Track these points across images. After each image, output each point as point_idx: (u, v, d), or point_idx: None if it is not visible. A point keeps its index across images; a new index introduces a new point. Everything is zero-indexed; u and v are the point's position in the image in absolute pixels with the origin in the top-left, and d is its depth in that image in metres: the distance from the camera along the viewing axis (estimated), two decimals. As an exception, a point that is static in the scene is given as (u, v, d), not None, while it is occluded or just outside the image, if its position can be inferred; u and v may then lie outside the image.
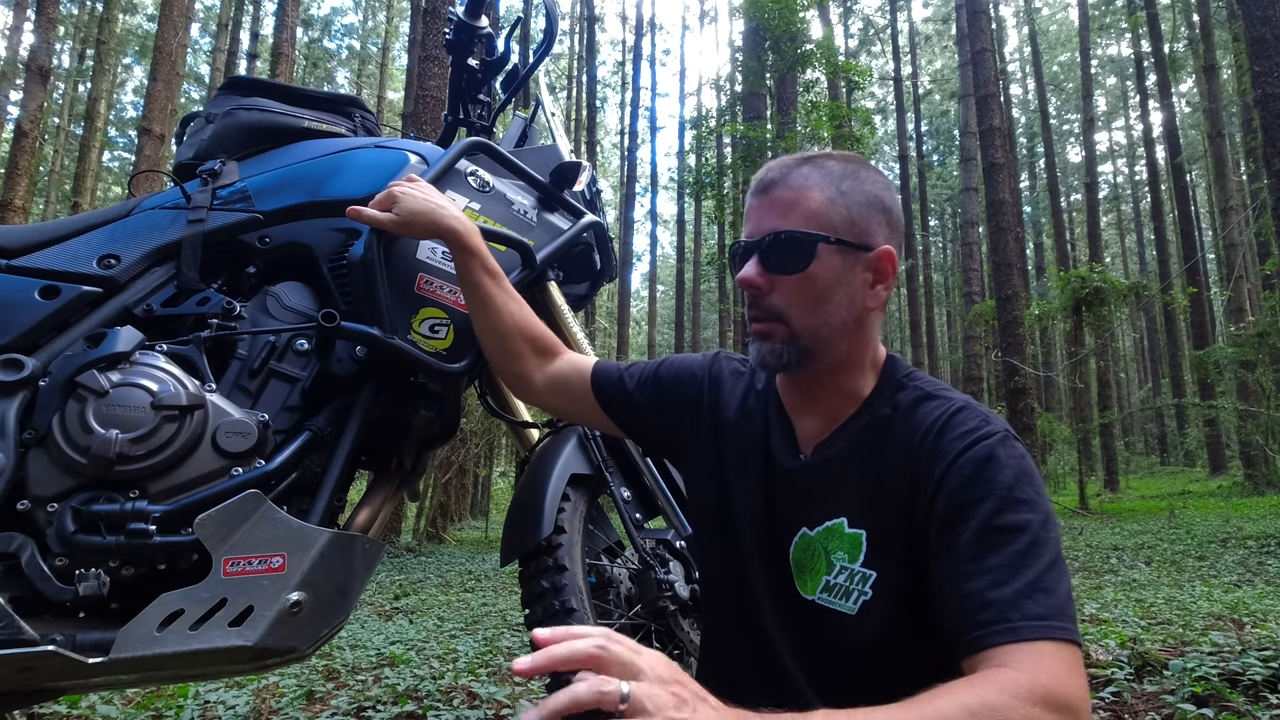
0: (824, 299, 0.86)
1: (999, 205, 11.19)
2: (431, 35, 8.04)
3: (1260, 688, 1.95)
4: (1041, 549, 0.72)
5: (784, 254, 0.86)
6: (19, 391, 1.04)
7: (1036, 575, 0.70)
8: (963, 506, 0.76)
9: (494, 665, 2.68)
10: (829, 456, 0.89)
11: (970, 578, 0.72)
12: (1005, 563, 0.71)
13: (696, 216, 25.34)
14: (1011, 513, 0.74)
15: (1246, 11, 7.44)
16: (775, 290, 0.87)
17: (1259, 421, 11.50)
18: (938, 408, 0.85)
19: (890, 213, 0.89)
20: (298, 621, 1.04)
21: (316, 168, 1.31)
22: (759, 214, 0.89)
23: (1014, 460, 0.78)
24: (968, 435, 0.80)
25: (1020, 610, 0.68)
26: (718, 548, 0.98)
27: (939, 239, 34.08)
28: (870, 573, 0.83)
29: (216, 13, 22.58)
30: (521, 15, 18.22)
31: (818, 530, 0.87)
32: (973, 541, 0.74)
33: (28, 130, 9.38)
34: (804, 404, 0.93)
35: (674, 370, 1.07)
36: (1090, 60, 23.87)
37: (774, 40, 10.96)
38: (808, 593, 0.87)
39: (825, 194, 0.86)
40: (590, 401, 1.10)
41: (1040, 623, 0.68)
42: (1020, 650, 0.66)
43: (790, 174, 0.88)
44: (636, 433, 1.13)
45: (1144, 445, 29.30)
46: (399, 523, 9.03)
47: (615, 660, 0.57)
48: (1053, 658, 0.66)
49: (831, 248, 0.85)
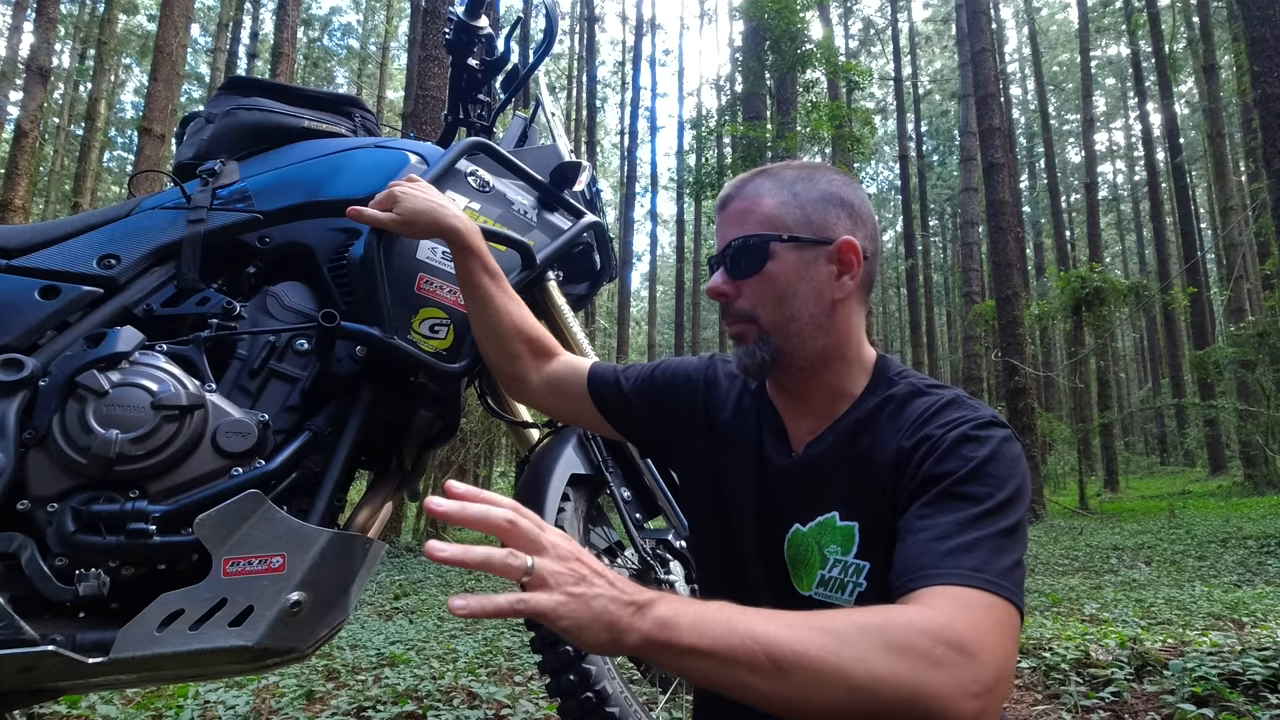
0: (788, 294, 0.88)
1: (999, 205, 11.18)
2: (431, 35, 8.04)
3: (1260, 688, 1.95)
4: (995, 518, 0.71)
5: (743, 258, 0.89)
6: (19, 391, 1.04)
7: (981, 538, 0.69)
8: (932, 476, 0.77)
9: (494, 665, 2.68)
10: (819, 452, 0.89)
11: (917, 531, 0.72)
12: (954, 521, 0.71)
13: (696, 216, 25.34)
14: (975, 484, 0.74)
15: (1246, 11, 7.44)
16: (742, 294, 0.90)
17: (1259, 421, 11.50)
18: (927, 400, 0.86)
19: (850, 206, 0.91)
20: (298, 621, 1.04)
21: (316, 168, 1.31)
22: (721, 229, 0.93)
23: (995, 442, 0.78)
24: (954, 421, 0.81)
25: (955, 561, 0.67)
26: (715, 548, 0.99)
27: (939, 239, 34.07)
28: (864, 564, 0.83)
29: (216, 13, 22.56)
30: (521, 15, 18.22)
31: (810, 525, 0.88)
32: (931, 501, 0.74)
33: (28, 130, 9.37)
34: (794, 404, 0.94)
35: (670, 373, 1.07)
36: (1090, 60, 23.86)
37: (774, 40, 10.95)
38: (804, 589, 0.88)
39: (777, 198, 0.90)
40: (586, 403, 1.10)
41: (972, 573, 0.66)
42: (942, 592, 0.65)
43: (744, 187, 0.93)
44: (632, 435, 1.13)
45: (1144, 445, 29.28)
46: (399, 523, 9.03)
47: (522, 535, 0.61)
48: (973, 605, 0.63)
49: (786, 245, 0.88)
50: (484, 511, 0.61)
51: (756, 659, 0.58)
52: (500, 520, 0.61)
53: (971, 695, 0.58)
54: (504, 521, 0.61)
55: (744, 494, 0.95)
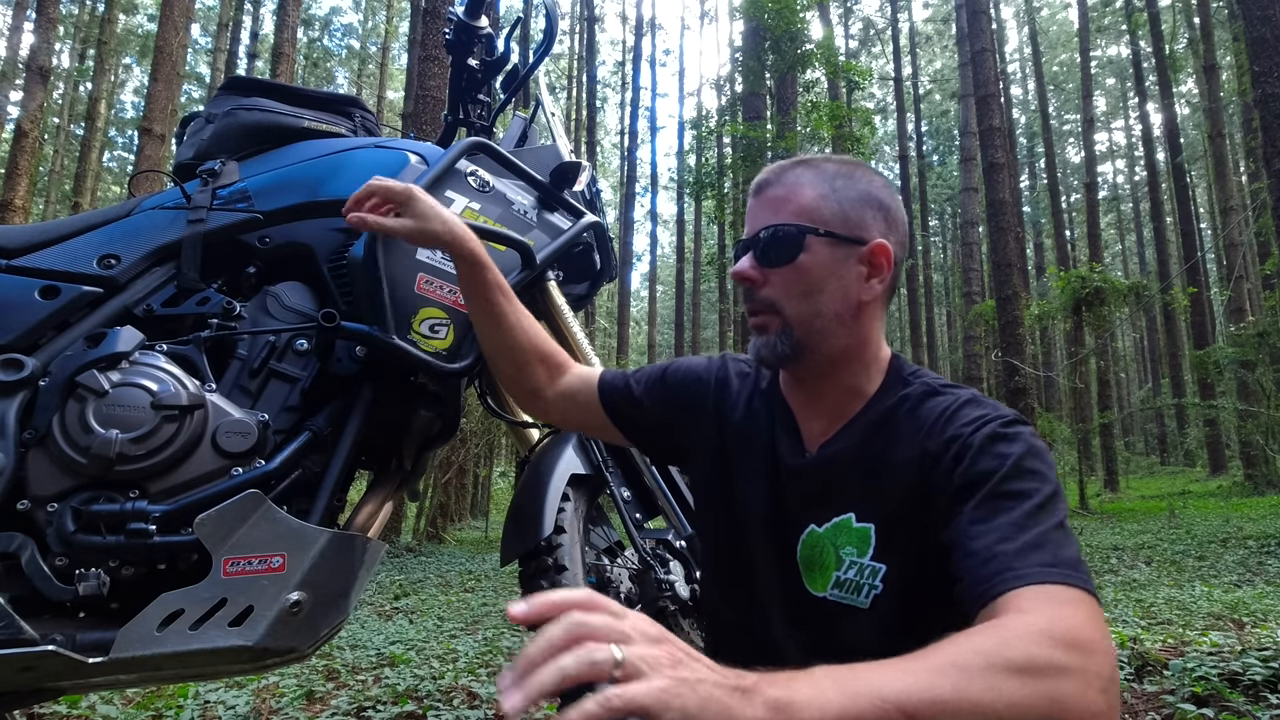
0: (816, 289, 0.87)
1: (999, 205, 11.18)
2: (431, 35, 8.04)
3: (1260, 688, 1.95)
4: (1048, 513, 0.72)
5: (775, 247, 0.88)
6: (19, 391, 1.04)
7: (1043, 532, 0.70)
8: (973, 479, 0.76)
9: (494, 665, 2.68)
10: (835, 452, 0.89)
11: (976, 537, 0.72)
12: (1012, 521, 0.71)
13: (696, 216, 25.33)
14: (1019, 481, 0.74)
15: (1246, 11, 7.44)
16: (769, 283, 0.89)
17: (1259, 421, 11.50)
18: (945, 400, 0.85)
19: (887, 210, 0.90)
20: (298, 621, 1.04)
21: (316, 168, 1.31)
22: (754, 214, 0.91)
23: (1024, 438, 0.78)
24: (978, 420, 0.81)
25: (1026, 560, 0.67)
26: (725, 550, 0.98)
27: (939, 239, 34.07)
28: (880, 566, 0.83)
29: (216, 13, 22.56)
30: (521, 15, 18.22)
31: (826, 527, 0.87)
32: (979, 504, 0.74)
33: (28, 130, 9.37)
34: (808, 402, 0.94)
35: (680, 375, 1.06)
36: (1090, 60, 23.87)
37: (774, 40, 10.95)
38: (817, 590, 0.87)
39: (817, 190, 0.89)
40: (598, 412, 1.09)
41: (1051, 568, 0.66)
42: (1030, 593, 0.65)
43: (784, 174, 0.91)
44: (643, 440, 1.12)
45: (1144, 445, 29.29)
46: (399, 523, 9.03)
47: (601, 626, 0.53)
48: (1065, 601, 0.64)
49: (821, 239, 0.87)
50: (564, 600, 0.53)
51: (892, 719, 0.55)
52: (574, 614, 0.53)
53: (1100, 690, 0.59)
54: (579, 615, 0.53)
55: (756, 494, 0.94)
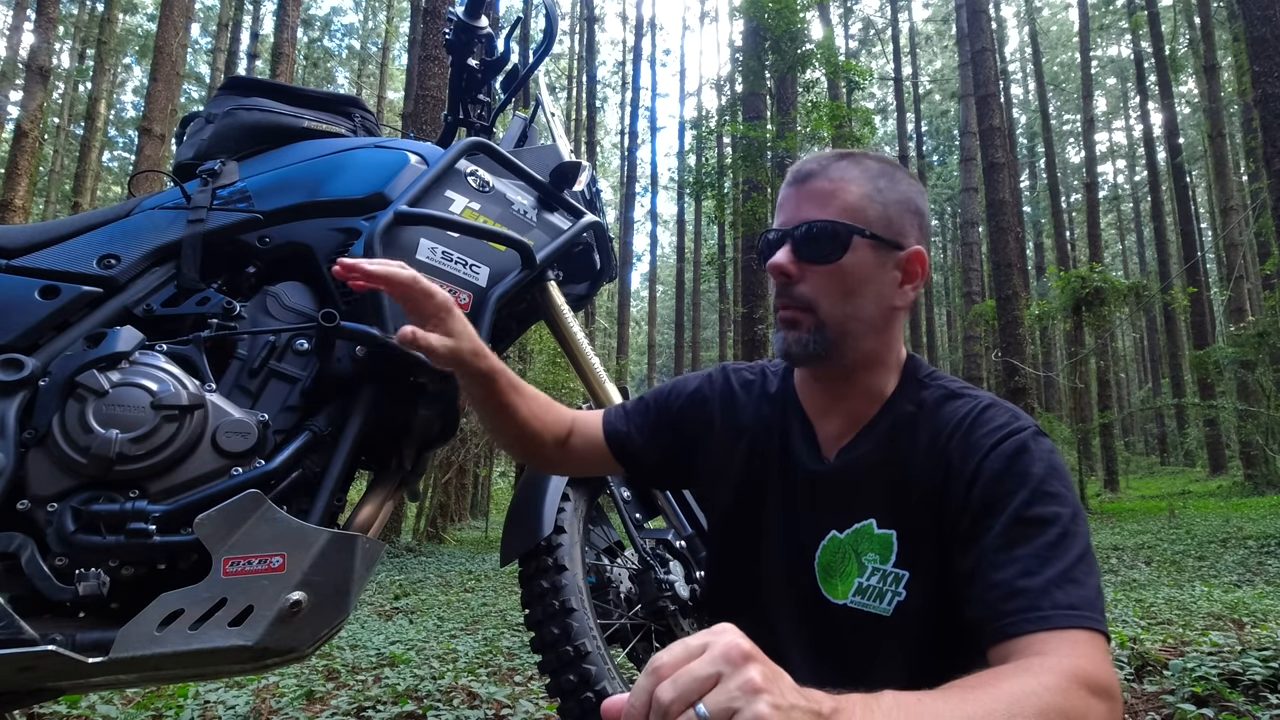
0: (854, 292, 0.85)
1: (999, 205, 11.18)
2: (431, 35, 8.04)
3: (1260, 688, 1.95)
4: (1071, 542, 0.72)
5: (818, 243, 0.85)
6: (19, 391, 1.04)
7: (1066, 567, 0.70)
8: (994, 499, 0.76)
9: (494, 665, 2.68)
10: (855, 458, 0.88)
11: (999, 567, 0.72)
12: (1035, 553, 0.71)
13: (696, 216, 25.34)
14: (1041, 505, 0.74)
15: (1246, 11, 7.44)
16: (805, 279, 0.86)
17: (1259, 421, 11.50)
18: (965, 405, 0.84)
19: (922, 216, 0.89)
20: (298, 621, 1.04)
21: (316, 168, 1.31)
22: (795, 203, 0.88)
23: (1044, 454, 0.78)
24: (999, 430, 0.80)
25: (1051, 599, 0.68)
26: (737, 560, 0.97)
27: (939, 239, 34.05)
28: (903, 573, 0.82)
29: (216, 13, 22.58)
30: (521, 15, 18.22)
31: (848, 533, 0.87)
32: (1002, 532, 0.74)
33: (28, 130, 9.38)
34: (827, 404, 0.92)
35: (680, 399, 1.04)
36: (1090, 60, 23.87)
37: (774, 40, 10.95)
38: (838, 597, 0.86)
39: (863, 189, 0.86)
40: (611, 462, 1.08)
41: (1073, 612, 0.67)
42: (1055, 638, 0.66)
43: (830, 167, 0.88)
44: (657, 474, 1.12)
45: (1144, 445, 29.29)
46: (399, 523, 9.03)
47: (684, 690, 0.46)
48: (1088, 646, 0.65)
49: (866, 242, 0.85)
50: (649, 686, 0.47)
51: None
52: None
53: None
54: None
55: (770, 500, 0.93)
